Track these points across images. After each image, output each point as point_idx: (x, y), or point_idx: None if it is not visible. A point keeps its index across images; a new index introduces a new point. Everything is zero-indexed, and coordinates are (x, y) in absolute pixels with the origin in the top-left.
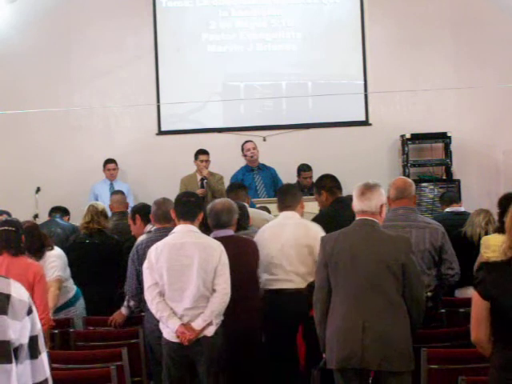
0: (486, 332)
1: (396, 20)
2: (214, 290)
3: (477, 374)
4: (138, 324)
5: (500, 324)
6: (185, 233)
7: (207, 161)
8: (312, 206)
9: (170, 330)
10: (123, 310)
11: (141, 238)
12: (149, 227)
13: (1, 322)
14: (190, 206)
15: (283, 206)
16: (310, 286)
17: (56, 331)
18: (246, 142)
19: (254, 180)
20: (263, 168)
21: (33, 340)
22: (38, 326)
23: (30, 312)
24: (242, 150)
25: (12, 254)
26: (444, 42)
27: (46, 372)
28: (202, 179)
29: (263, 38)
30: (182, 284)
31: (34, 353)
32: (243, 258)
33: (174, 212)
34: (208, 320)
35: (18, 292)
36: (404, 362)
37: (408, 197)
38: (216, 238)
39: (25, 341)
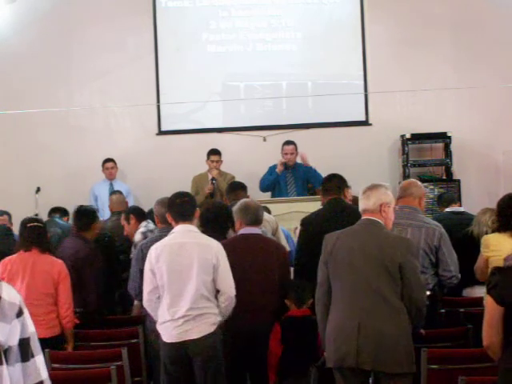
0: (499, 337)
1: (396, 20)
2: (218, 291)
3: (477, 374)
4: (138, 324)
5: None
6: (184, 233)
7: (218, 161)
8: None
9: (166, 332)
10: (137, 303)
11: (138, 236)
12: (143, 224)
13: None
14: (186, 206)
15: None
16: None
17: None
18: (288, 143)
19: (286, 179)
20: (298, 167)
21: (23, 343)
22: (30, 328)
23: (19, 314)
24: (282, 148)
25: (41, 250)
26: (444, 42)
27: (41, 375)
28: (213, 179)
29: (263, 38)
30: (182, 284)
31: (25, 356)
32: (268, 259)
33: (169, 215)
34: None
35: (9, 294)
36: (400, 363)
37: (410, 196)
38: (244, 235)
39: (14, 343)
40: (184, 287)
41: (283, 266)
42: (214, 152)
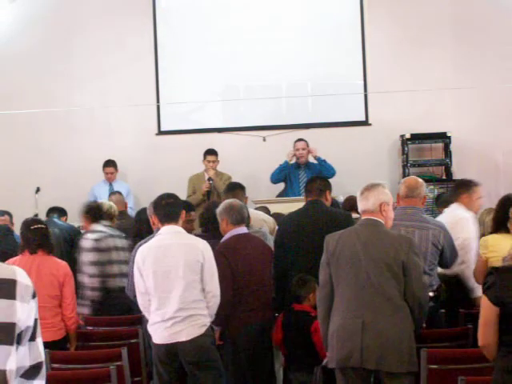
0: (494, 337)
1: (396, 20)
2: (203, 290)
3: (477, 374)
4: (138, 324)
5: (509, 329)
6: (170, 234)
7: (214, 161)
8: None
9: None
10: None
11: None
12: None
13: (9, 305)
14: (171, 207)
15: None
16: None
17: None
18: (299, 140)
19: (299, 177)
20: (311, 166)
21: (35, 322)
22: (37, 310)
23: (34, 295)
24: (294, 146)
25: (46, 252)
26: (444, 42)
27: (42, 356)
28: (209, 179)
29: (263, 38)
30: (170, 285)
31: (33, 335)
32: (261, 256)
33: (155, 217)
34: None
35: (23, 277)
36: (403, 363)
37: (417, 197)
38: (234, 236)
39: (31, 323)
40: (171, 289)
41: (271, 259)
42: (211, 152)
